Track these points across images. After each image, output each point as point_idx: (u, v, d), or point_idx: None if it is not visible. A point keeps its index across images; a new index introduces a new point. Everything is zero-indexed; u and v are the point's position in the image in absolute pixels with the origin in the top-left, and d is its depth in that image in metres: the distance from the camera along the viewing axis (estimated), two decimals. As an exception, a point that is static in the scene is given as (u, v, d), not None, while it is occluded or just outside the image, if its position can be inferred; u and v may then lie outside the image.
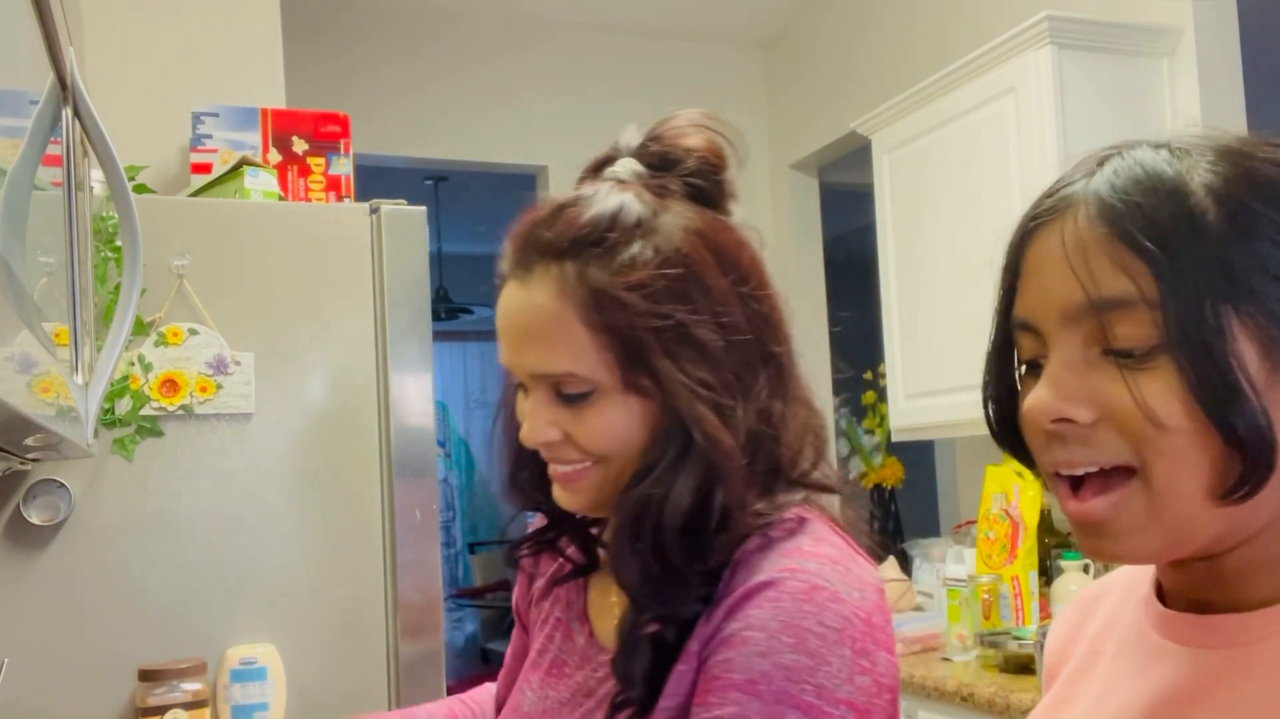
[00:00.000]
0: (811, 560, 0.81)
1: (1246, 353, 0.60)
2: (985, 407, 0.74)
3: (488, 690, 1.19)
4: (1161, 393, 0.61)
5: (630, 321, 0.82)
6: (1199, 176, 0.62)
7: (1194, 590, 0.68)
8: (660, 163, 0.89)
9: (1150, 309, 0.61)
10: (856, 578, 0.81)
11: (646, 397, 0.84)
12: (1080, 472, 0.65)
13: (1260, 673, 0.63)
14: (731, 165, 0.90)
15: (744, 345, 0.85)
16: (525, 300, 0.85)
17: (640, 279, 0.82)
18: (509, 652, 1.11)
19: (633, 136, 0.92)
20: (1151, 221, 0.61)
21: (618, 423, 0.84)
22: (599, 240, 0.84)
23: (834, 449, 3.88)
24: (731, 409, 0.83)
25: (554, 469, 0.89)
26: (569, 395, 0.84)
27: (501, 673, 1.13)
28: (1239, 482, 0.61)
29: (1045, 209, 0.67)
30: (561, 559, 1.00)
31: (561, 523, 0.98)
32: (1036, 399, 0.65)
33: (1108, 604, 0.79)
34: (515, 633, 1.10)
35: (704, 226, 0.86)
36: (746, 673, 0.77)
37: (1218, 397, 0.60)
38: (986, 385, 0.73)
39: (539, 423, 0.86)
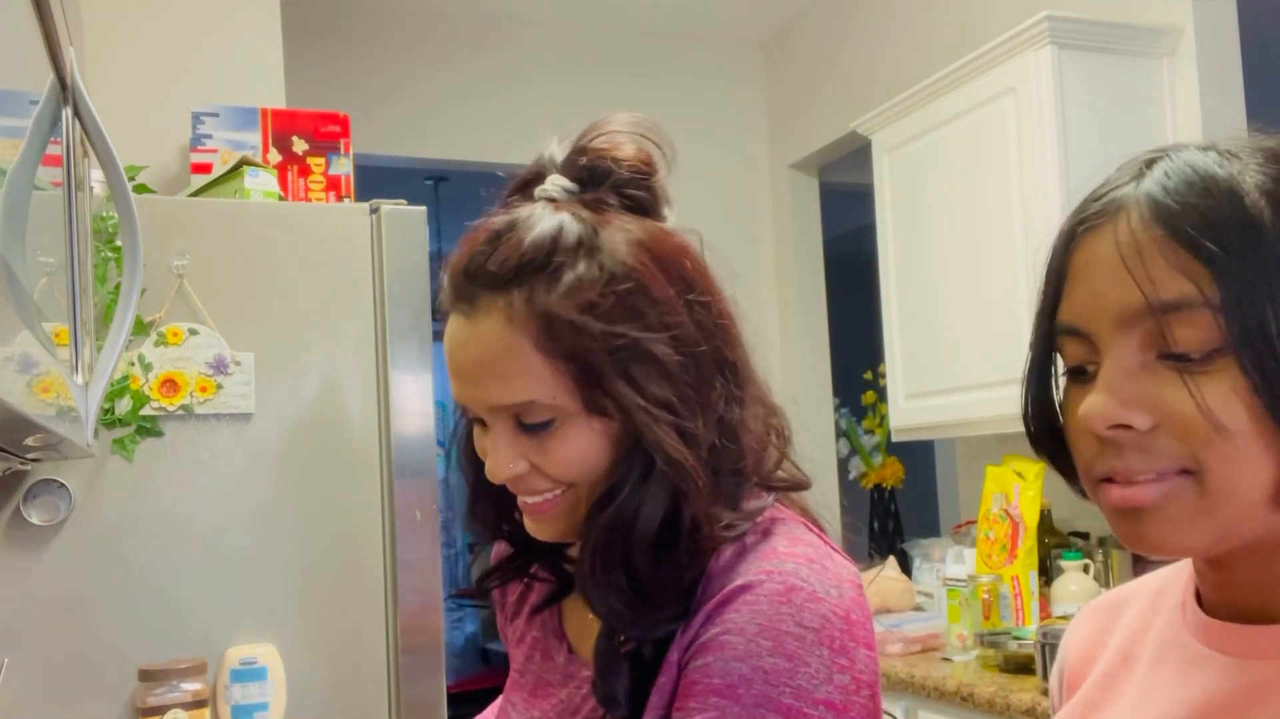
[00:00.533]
0: (788, 561, 0.80)
1: None
2: (1025, 413, 0.73)
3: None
4: (1225, 395, 0.60)
5: (585, 344, 0.80)
6: (1251, 178, 0.62)
7: (1240, 599, 0.67)
8: (590, 176, 0.86)
9: (1212, 311, 0.60)
10: (833, 575, 0.81)
11: (609, 417, 0.82)
12: (1140, 478, 0.64)
13: None
14: (662, 170, 0.88)
15: (698, 356, 0.83)
16: (474, 334, 0.82)
17: (590, 299, 0.80)
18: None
19: (558, 150, 0.88)
20: (1209, 223, 0.61)
21: (583, 447, 0.82)
22: (543, 265, 0.81)
23: (834, 449, 3.88)
24: (692, 427, 0.82)
25: (523, 501, 0.87)
26: (531, 425, 0.82)
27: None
28: None
29: (1093, 213, 0.66)
30: (530, 581, 0.99)
31: (527, 549, 0.96)
32: (1093, 405, 0.64)
33: (1134, 609, 0.78)
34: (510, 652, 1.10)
35: (645, 238, 0.84)
36: (725, 678, 0.77)
37: (1276, 399, 0.60)
38: (1027, 391, 0.72)
39: (503, 457, 0.83)
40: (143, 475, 1.69)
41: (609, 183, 0.85)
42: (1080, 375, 0.67)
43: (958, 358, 2.63)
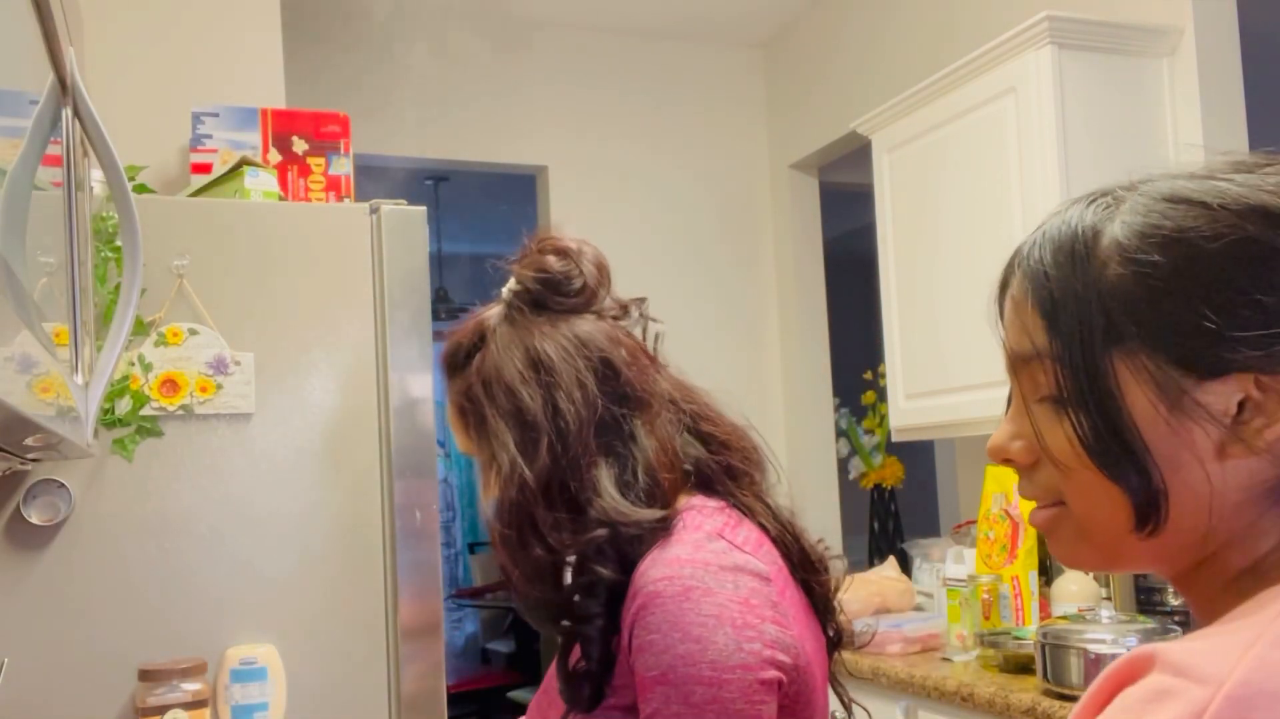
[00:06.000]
0: (686, 567, 0.99)
1: (1135, 399, 0.63)
2: None
3: None
4: (1061, 438, 0.66)
5: (475, 407, 1.14)
6: (1112, 229, 0.65)
7: (1206, 617, 0.68)
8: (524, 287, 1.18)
9: (1046, 362, 0.66)
10: (729, 573, 1.00)
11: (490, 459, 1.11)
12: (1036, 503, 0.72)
13: None
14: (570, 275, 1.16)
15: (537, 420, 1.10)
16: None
17: (484, 378, 1.13)
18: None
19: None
20: (1051, 281, 0.66)
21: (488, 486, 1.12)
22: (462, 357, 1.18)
23: (834, 449, 3.88)
24: (530, 462, 1.07)
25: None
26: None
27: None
28: (1138, 521, 0.64)
29: (1006, 266, 0.72)
30: None
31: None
32: (992, 439, 0.72)
33: None
34: None
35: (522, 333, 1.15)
36: (657, 669, 0.96)
37: (1099, 444, 0.64)
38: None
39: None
40: (143, 475, 1.69)
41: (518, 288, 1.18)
42: None
43: (958, 358, 2.63)
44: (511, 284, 1.17)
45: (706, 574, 0.99)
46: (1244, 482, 0.62)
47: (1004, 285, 0.72)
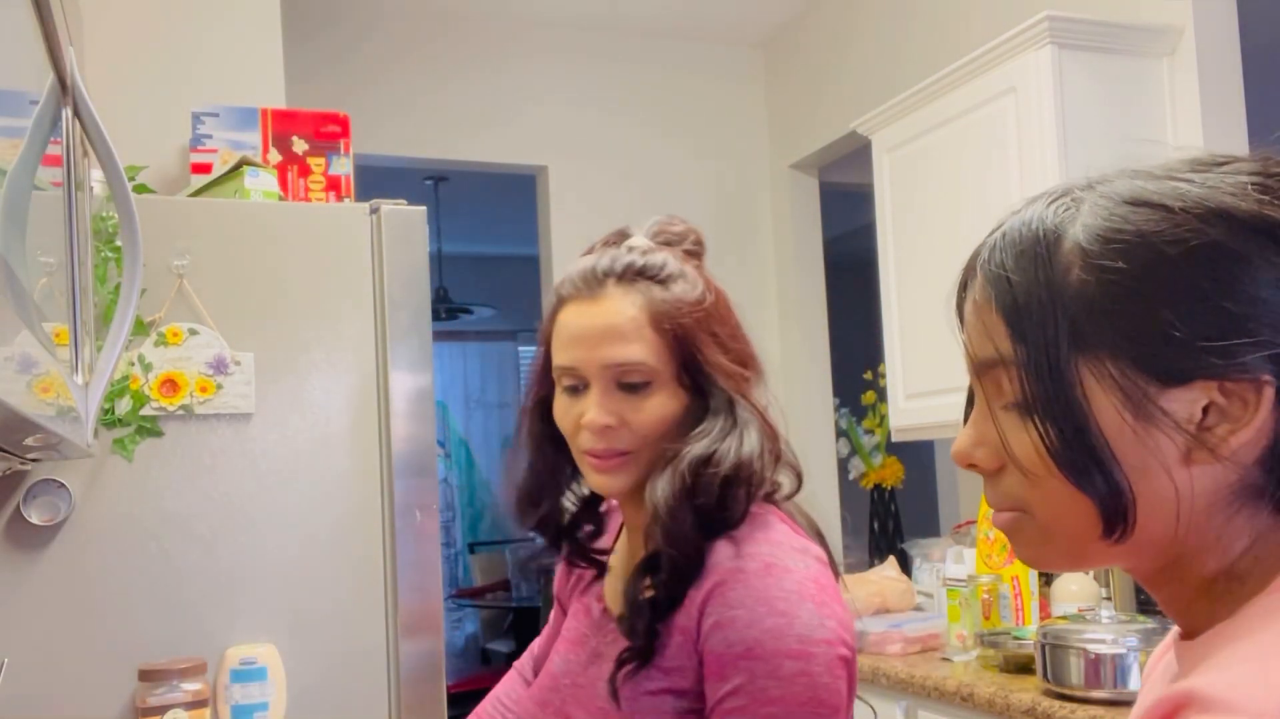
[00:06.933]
0: (763, 545, 1.02)
1: (1101, 406, 0.62)
2: None
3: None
4: (1027, 445, 0.64)
5: (686, 331, 1.07)
6: (1073, 232, 0.64)
7: (1177, 613, 0.69)
8: (666, 242, 1.16)
9: (1010, 368, 0.65)
10: (799, 554, 1.03)
11: (687, 390, 1.08)
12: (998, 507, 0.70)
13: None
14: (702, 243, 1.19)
15: (747, 367, 1.12)
16: (602, 309, 1.08)
17: (689, 303, 1.08)
18: (547, 626, 1.34)
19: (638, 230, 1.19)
20: (1013, 286, 0.65)
21: (664, 410, 1.07)
22: (656, 274, 1.09)
23: (834, 449, 3.88)
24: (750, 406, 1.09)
25: (593, 459, 1.09)
26: (631, 384, 1.07)
27: (539, 640, 1.34)
28: (1105, 528, 0.63)
29: (964, 269, 0.71)
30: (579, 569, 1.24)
31: (556, 538, 1.21)
32: (955, 443, 0.71)
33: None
34: (554, 613, 1.33)
35: (715, 283, 1.13)
36: (741, 644, 0.97)
37: (1065, 452, 0.63)
38: (965, 418, 0.75)
39: (602, 410, 1.07)
40: (143, 475, 1.69)
41: (680, 245, 1.16)
42: None
43: (958, 358, 2.62)
44: (666, 238, 1.19)
45: (782, 553, 1.02)
46: (1210, 487, 0.62)
47: (963, 286, 0.71)
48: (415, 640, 1.78)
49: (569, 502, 1.21)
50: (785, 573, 1.00)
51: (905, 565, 3.15)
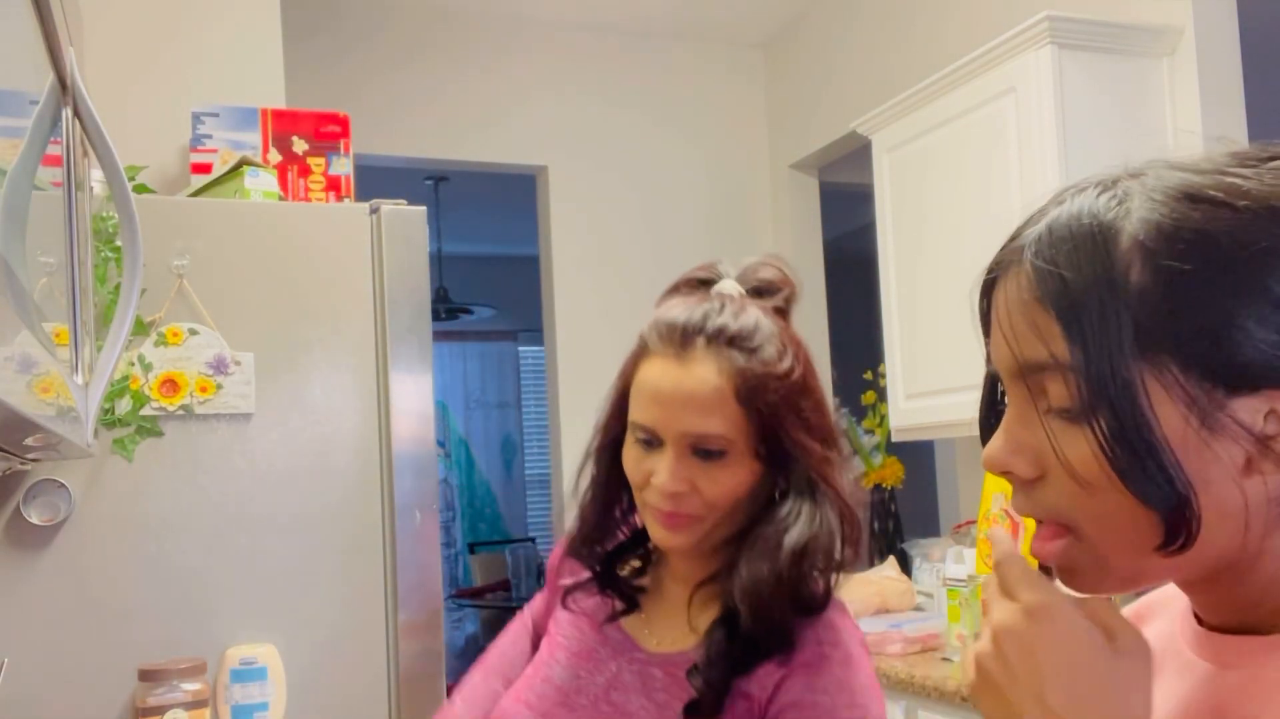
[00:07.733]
0: (844, 633, 1.07)
1: (1166, 414, 0.59)
2: (982, 440, 0.74)
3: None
4: (1085, 454, 0.60)
5: (771, 405, 1.05)
6: (1130, 227, 0.61)
7: (1218, 614, 0.67)
8: (758, 290, 1.14)
9: (1065, 372, 0.61)
10: (860, 641, 1.08)
11: (762, 463, 1.07)
12: (1038, 523, 0.66)
13: (1264, 696, 0.62)
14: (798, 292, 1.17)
15: (828, 445, 1.10)
16: (688, 374, 1.06)
17: (776, 375, 1.06)
18: (507, 637, 1.29)
19: (729, 269, 1.16)
20: (1069, 284, 0.61)
21: (736, 480, 1.06)
22: (746, 340, 1.07)
23: (834, 449, 3.87)
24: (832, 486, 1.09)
25: (663, 512, 1.08)
26: (707, 452, 1.05)
27: (495, 652, 1.28)
28: (1166, 540, 0.60)
29: (997, 262, 0.67)
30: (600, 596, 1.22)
31: (606, 574, 1.20)
32: (988, 449, 0.67)
33: (1159, 620, 0.78)
34: (518, 626, 1.29)
35: (805, 349, 1.12)
36: None
37: (1128, 461, 0.59)
38: (981, 420, 0.73)
39: (674, 475, 1.06)
40: (143, 475, 1.69)
41: (770, 298, 1.13)
42: None
43: (958, 358, 2.63)
44: (759, 286, 1.16)
45: (854, 646, 1.07)
46: (1274, 496, 0.60)
47: (993, 282, 0.67)
48: (415, 640, 1.78)
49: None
50: (861, 667, 1.06)
51: (905, 565, 3.15)
